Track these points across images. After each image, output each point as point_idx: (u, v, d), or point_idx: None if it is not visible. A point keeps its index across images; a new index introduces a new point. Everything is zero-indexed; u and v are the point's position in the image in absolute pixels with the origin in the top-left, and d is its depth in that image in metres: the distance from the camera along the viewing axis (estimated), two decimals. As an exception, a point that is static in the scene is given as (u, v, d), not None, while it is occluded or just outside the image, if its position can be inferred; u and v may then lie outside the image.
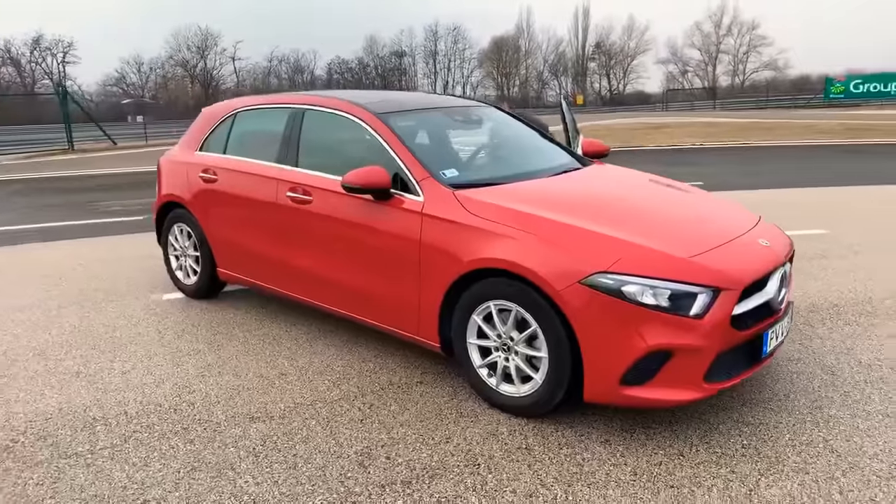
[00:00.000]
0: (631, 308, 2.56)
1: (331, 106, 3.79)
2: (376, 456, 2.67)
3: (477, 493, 2.41)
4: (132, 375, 3.47)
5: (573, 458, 2.62)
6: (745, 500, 2.33)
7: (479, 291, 2.94)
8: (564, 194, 3.31)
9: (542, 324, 2.74)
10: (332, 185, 3.53)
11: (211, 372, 3.49)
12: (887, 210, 7.48)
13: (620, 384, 2.62)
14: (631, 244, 2.70)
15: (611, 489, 2.42)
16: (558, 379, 2.75)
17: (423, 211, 3.14)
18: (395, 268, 3.26)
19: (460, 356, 3.10)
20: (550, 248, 2.74)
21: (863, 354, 3.53)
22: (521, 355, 2.88)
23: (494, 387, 3.00)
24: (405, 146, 3.37)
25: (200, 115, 4.71)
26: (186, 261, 4.68)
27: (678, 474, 2.50)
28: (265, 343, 3.88)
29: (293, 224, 3.74)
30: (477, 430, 2.85)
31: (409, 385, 3.30)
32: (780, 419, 2.88)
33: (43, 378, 3.45)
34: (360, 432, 2.85)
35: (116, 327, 4.18)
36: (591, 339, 2.63)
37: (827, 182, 9.72)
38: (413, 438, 2.79)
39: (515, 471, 2.55)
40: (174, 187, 4.59)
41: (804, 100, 41.09)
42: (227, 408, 3.09)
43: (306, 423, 2.93)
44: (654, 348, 2.55)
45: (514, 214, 2.93)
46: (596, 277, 2.60)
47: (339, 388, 3.28)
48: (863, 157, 13.13)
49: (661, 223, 3.00)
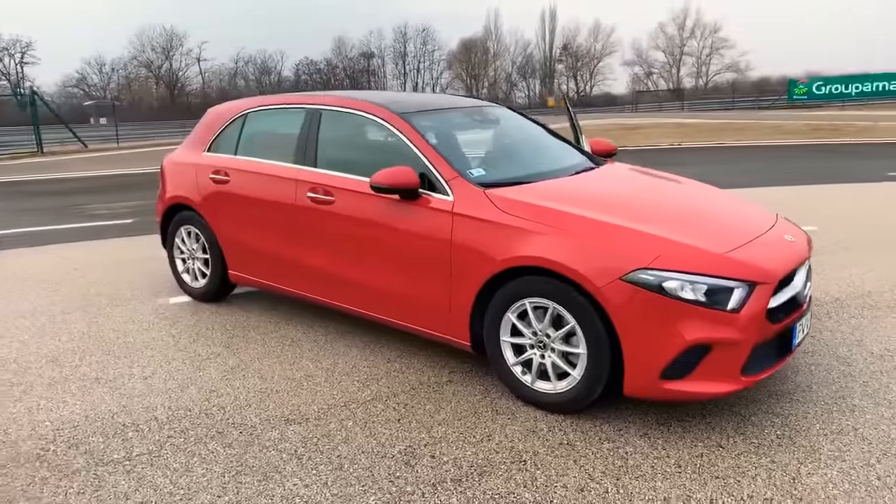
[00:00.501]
0: (671, 303, 2.61)
1: (350, 106, 3.77)
2: (421, 455, 2.67)
3: (528, 489, 2.43)
4: (154, 380, 3.40)
5: (616, 452, 2.66)
6: (790, 488, 2.40)
7: (514, 289, 2.96)
8: (592, 192, 3.36)
9: (580, 321, 2.78)
10: (356, 186, 3.52)
11: (235, 375, 3.45)
12: (866, 207, 7.73)
13: (661, 378, 2.67)
14: (668, 241, 2.75)
15: (658, 481, 2.46)
16: (597, 375, 2.78)
17: (454, 210, 3.15)
18: (425, 267, 3.26)
19: (493, 354, 3.12)
20: (589, 245, 2.78)
21: (873, 346, 3.65)
22: (557, 352, 2.91)
23: (529, 384, 3.02)
24: (431, 146, 3.38)
25: (207, 116, 4.64)
26: (194, 264, 4.60)
27: (721, 465, 2.56)
28: (284, 345, 3.85)
29: (314, 225, 3.71)
30: (516, 427, 2.87)
31: (439, 384, 3.30)
32: (808, 410, 2.97)
33: (61, 385, 3.37)
34: (399, 432, 2.85)
35: (128, 332, 4.09)
36: (631, 335, 2.67)
37: (805, 181, 9.99)
38: (454, 437, 2.80)
39: (562, 466, 2.57)
40: (181, 189, 4.51)
41: (769, 101, 42.14)
42: (259, 411, 3.06)
43: (343, 425, 2.92)
44: (694, 342, 2.60)
45: (548, 212, 2.96)
46: (637, 274, 2.65)
47: (369, 388, 3.27)
48: (834, 157, 13.53)
49: (691, 220, 3.07)
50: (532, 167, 3.66)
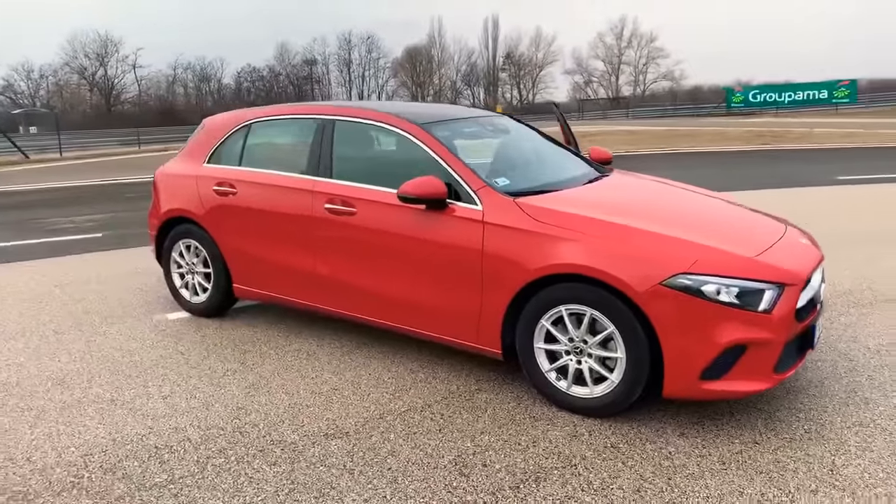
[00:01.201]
0: (710, 306, 2.71)
1: (366, 117, 3.76)
2: (472, 464, 2.68)
3: (587, 492, 2.48)
4: (175, 400, 3.29)
5: (660, 453, 2.74)
6: (831, 479, 2.52)
7: (549, 296, 3.01)
8: (615, 200, 3.45)
9: (619, 325, 2.85)
10: (378, 196, 3.51)
11: (258, 391, 3.37)
12: (825, 209, 8.15)
13: (700, 379, 2.76)
14: (703, 246, 2.86)
15: (707, 478, 2.55)
16: (636, 378, 2.86)
17: (485, 220, 3.18)
18: (454, 277, 3.27)
19: (526, 361, 3.16)
20: (627, 252, 2.85)
21: (868, 341, 3.87)
22: (594, 357, 2.97)
23: (565, 390, 3.07)
24: (456, 156, 3.40)
25: (204, 127, 4.53)
26: (194, 278, 4.47)
27: (761, 460, 2.66)
28: (301, 359, 3.79)
29: (332, 236, 3.68)
30: (557, 432, 2.92)
31: (469, 393, 3.32)
32: (825, 404, 3.12)
33: (76, 408, 3.22)
34: (444, 442, 2.85)
35: (133, 351, 3.95)
36: (672, 338, 2.75)
37: (761, 185, 10.44)
38: (499, 445, 2.82)
39: (613, 469, 2.63)
40: (180, 201, 4.39)
41: (708, 108, 43.85)
42: (294, 426, 3.00)
43: (385, 437, 2.90)
44: (732, 343, 2.71)
45: (580, 220, 3.03)
46: (677, 279, 2.74)
47: (401, 399, 3.26)
48: (783, 162, 14.19)
49: (715, 225, 3.19)
50: (548, 176, 3.73)
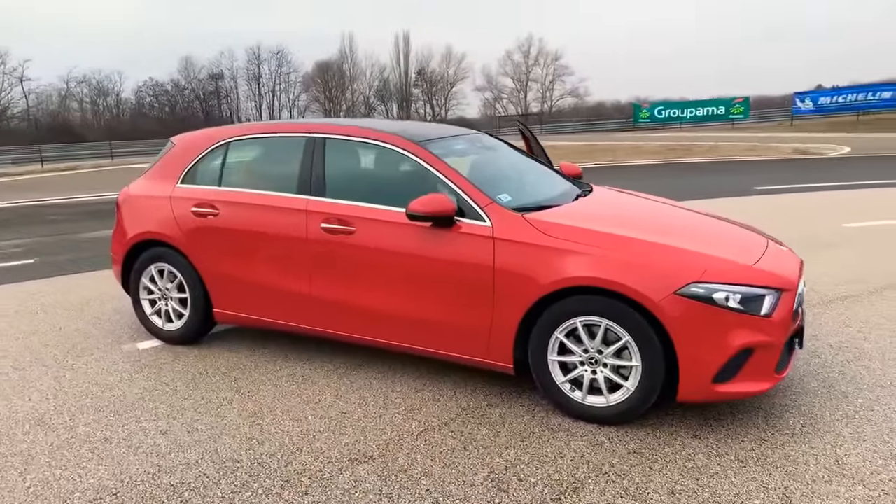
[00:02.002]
0: (721, 313, 2.87)
1: (359, 135, 3.72)
2: (508, 479, 2.69)
3: (625, 498, 2.55)
4: (176, 434, 3.11)
5: (681, 455, 2.86)
6: (838, 469, 2.72)
7: (563, 309, 3.09)
8: (613, 214, 3.58)
9: (634, 335, 2.96)
10: (380, 215, 3.48)
11: (263, 420, 3.25)
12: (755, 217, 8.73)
13: (713, 382, 2.91)
14: (709, 256, 3.03)
15: (731, 476, 2.69)
16: (652, 385, 2.97)
17: (495, 236, 3.22)
18: (463, 293, 3.29)
19: (540, 374, 3.21)
20: (639, 263, 2.97)
21: (829, 339, 4.19)
22: (609, 367, 3.07)
23: (580, 400, 3.14)
24: (459, 173, 3.43)
25: (176, 146, 4.33)
26: (167, 304, 4.25)
27: (773, 455, 2.83)
28: (297, 383, 3.67)
29: (329, 256, 3.61)
30: (579, 442, 2.98)
31: (482, 409, 3.33)
32: (812, 399, 3.35)
33: (67, 450, 2.98)
34: (472, 459, 2.85)
35: (110, 385, 3.69)
36: (686, 345, 2.89)
37: (689, 196, 11.05)
38: (528, 458, 2.85)
39: (643, 473, 2.72)
40: (152, 224, 4.16)
41: (616, 124, 45.96)
42: (314, 454, 2.91)
43: (412, 458, 2.87)
44: (742, 347, 2.88)
45: (590, 234, 3.13)
46: (690, 287, 2.88)
47: (415, 419, 3.23)
48: (701, 174, 15.09)
49: (710, 237, 3.38)
50: (542, 192, 3.82)
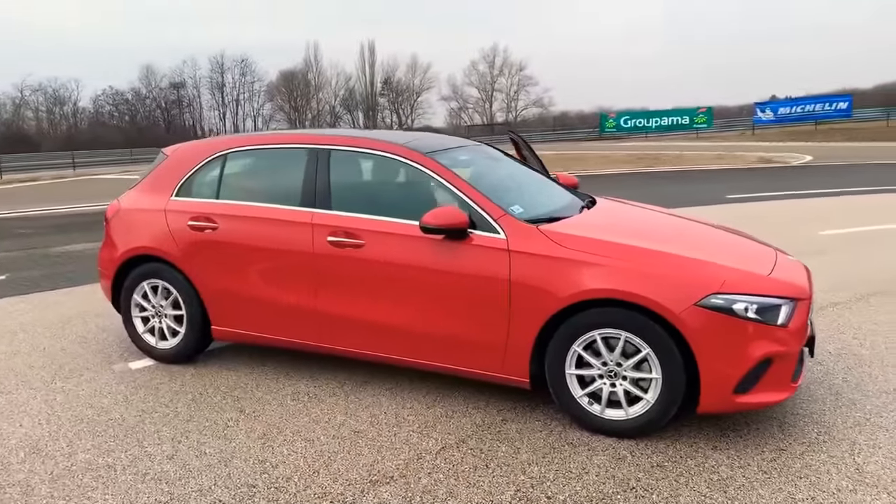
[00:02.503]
0: (741, 323, 2.87)
1: (365, 146, 3.65)
2: (536, 497, 2.64)
3: (658, 514, 2.52)
4: (184, 458, 2.98)
5: (703, 467, 2.84)
6: (860, 477, 2.73)
7: (582, 322, 3.06)
8: (624, 225, 3.58)
9: (655, 347, 2.94)
10: (389, 228, 3.41)
11: (274, 441, 3.13)
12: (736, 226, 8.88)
13: (734, 393, 2.91)
14: (726, 267, 3.03)
15: (758, 488, 2.68)
16: (673, 397, 2.96)
17: (510, 248, 3.18)
18: (478, 306, 3.24)
19: (557, 388, 3.17)
20: (658, 275, 2.96)
21: (827, 346, 4.24)
22: (629, 379, 3.05)
23: (599, 414, 3.11)
24: (470, 185, 3.39)
25: (169, 158, 4.19)
26: (162, 322, 4.09)
27: (794, 465, 2.84)
28: (303, 402, 3.56)
29: (336, 271, 3.52)
30: (601, 457, 2.95)
31: (497, 425, 3.27)
32: (822, 408, 3.38)
33: (69, 478, 2.82)
34: (496, 477, 2.79)
35: (106, 408, 3.53)
36: (707, 356, 2.88)
37: (663, 204, 11.21)
38: (552, 475, 2.80)
39: (670, 487, 2.69)
40: (145, 239, 4.01)
41: (583, 133, 46.60)
42: (332, 476, 2.82)
43: (434, 478, 2.79)
44: (762, 357, 2.89)
45: (607, 245, 3.11)
46: (710, 299, 2.88)
47: (431, 437, 3.15)
48: (673, 182, 15.35)
49: (723, 247, 3.39)
50: (548, 203, 3.79)
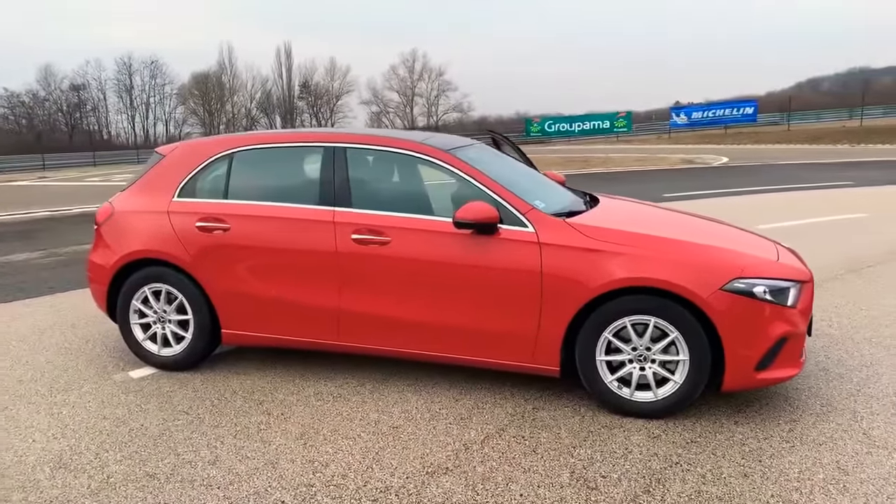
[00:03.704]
0: (760, 305, 3.10)
1: (383, 144, 3.67)
2: (592, 477, 2.75)
3: (708, 484, 2.69)
4: (227, 463, 2.90)
5: (733, 440, 3.05)
6: (870, 442, 3.01)
7: (613, 309, 3.20)
8: (640, 219, 3.75)
9: (683, 330, 3.12)
10: (416, 224, 3.45)
11: (315, 441, 3.10)
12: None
13: (755, 371, 3.13)
14: (743, 254, 3.26)
15: (787, 455, 2.90)
16: (700, 377, 3.15)
17: (540, 241, 3.28)
18: (509, 299, 3.32)
19: (588, 374, 3.30)
20: (685, 263, 3.15)
21: (802, 328, 4.60)
22: (658, 362, 3.22)
23: (629, 397, 3.27)
24: (495, 180, 3.47)
25: (167, 158, 4.03)
26: (165, 328, 3.93)
27: (812, 434, 3.09)
28: (329, 402, 3.53)
29: (361, 268, 3.51)
30: (638, 437, 3.10)
31: (529, 412, 3.37)
32: (817, 382, 3.68)
33: (112, 490, 2.69)
34: (547, 461, 2.88)
35: (122, 418, 3.37)
36: (732, 337, 3.09)
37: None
38: (599, 456, 2.93)
39: (710, 460, 2.87)
40: (147, 242, 3.85)
41: (510, 137, 47.50)
42: (386, 470, 2.83)
43: (488, 465, 2.86)
44: (780, 336, 3.12)
45: (633, 236, 3.27)
46: (733, 283, 3.09)
47: (472, 429, 3.21)
48: (608, 183, 15.96)
49: (731, 237, 3.63)
50: (560, 199, 3.91)
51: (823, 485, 2.66)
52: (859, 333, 4.46)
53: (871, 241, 7.57)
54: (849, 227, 8.56)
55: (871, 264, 6.43)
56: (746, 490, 2.64)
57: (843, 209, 9.99)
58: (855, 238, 7.75)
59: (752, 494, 2.61)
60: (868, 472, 2.74)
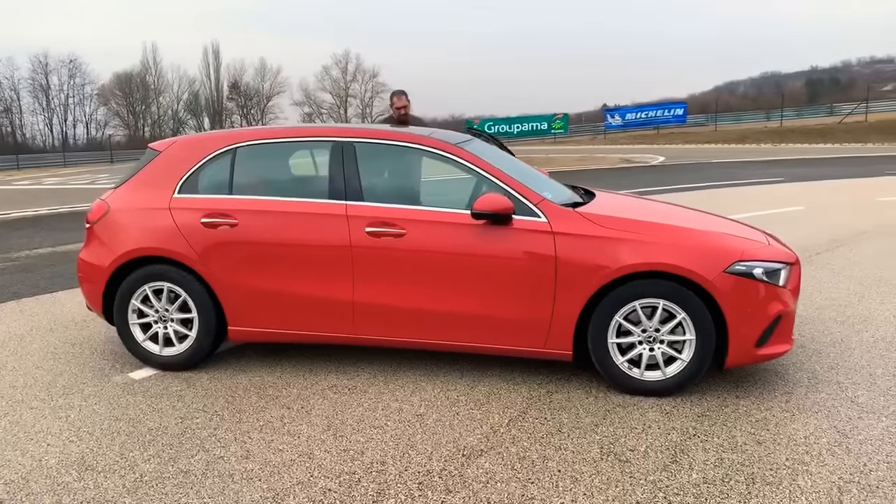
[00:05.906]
0: (759, 286, 3.34)
1: (392, 138, 3.72)
2: (621, 451, 2.90)
3: (728, 451, 2.88)
4: (263, 457, 2.89)
5: (739, 412, 3.26)
6: (858, 408, 3.28)
7: (624, 294, 3.37)
8: (640, 209, 3.93)
9: (690, 311, 3.32)
10: (430, 216, 3.52)
11: (344, 431, 3.12)
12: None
13: (755, 347, 3.36)
14: (740, 238, 3.50)
15: (791, 423, 3.14)
16: (705, 356, 3.36)
17: (554, 230, 3.42)
18: (523, 287, 3.44)
19: (600, 357, 3.46)
20: (690, 247, 3.35)
21: (773, 311, 4.92)
22: (666, 342, 3.40)
23: (639, 377, 3.44)
24: (506, 173, 3.58)
25: (164, 154, 3.93)
26: (167, 327, 3.84)
27: (807, 403, 3.34)
28: (345, 394, 3.55)
29: (376, 261, 3.55)
30: (653, 413, 3.27)
31: (544, 396, 3.49)
32: (800, 358, 3.96)
33: (151, 487, 2.64)
34: (575, 439, 3.02)
35: (136, 419, 3.28)
36: (735, 316, 3.31)
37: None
38: (622, 432, 3.08)
39: (725, 431, 3.07)
40: (148, 239, 3.75)
41: (449, 138, 47.91)
42: (424, 455, 2.89)
43: (522, 445, 2.96)
44: (777, 314, 3.37)
45: (641, 224, 3.45)
46: (735, 266, 3.31)
47: (493, 414, 3.30)
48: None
49: (723, 225, 3.86)
50: (559, 190, 4.07)
51: (829, 447, 2.90)
52: (825, 314, 4.82)
53: (813, 231, 8.12)
54: (791, 218, 9.15)
55: (819, 252, 6.92)
56: (763, 455, 2.85)
57: (782, 203, 10.65)
58: (798, 229, 8.29)
59: (769, 459, 2.82)
60: (864, 434, 3.01)
